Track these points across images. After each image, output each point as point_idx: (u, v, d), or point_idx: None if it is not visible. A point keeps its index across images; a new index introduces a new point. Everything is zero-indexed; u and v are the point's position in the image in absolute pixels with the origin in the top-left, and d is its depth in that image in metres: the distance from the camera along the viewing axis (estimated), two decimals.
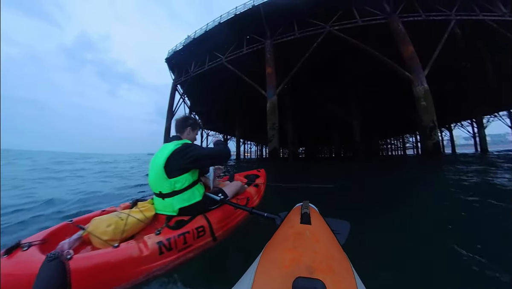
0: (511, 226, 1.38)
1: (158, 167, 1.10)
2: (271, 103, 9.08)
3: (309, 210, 0.79)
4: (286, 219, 0.81)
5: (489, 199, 1.93)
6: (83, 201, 2.28)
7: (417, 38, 8.35)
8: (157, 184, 1.12)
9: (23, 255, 0.77)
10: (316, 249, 0.52)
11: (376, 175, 5.33)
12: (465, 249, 1.05)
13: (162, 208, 1.13)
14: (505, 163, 5.80)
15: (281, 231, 0.69)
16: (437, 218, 1.69)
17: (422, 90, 7.45)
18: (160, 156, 1.12)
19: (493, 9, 9.00)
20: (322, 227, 0.72)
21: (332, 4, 8.87)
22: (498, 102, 16.75)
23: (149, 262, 0.86)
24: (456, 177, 3.56)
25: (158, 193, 1.14)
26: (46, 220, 1.66)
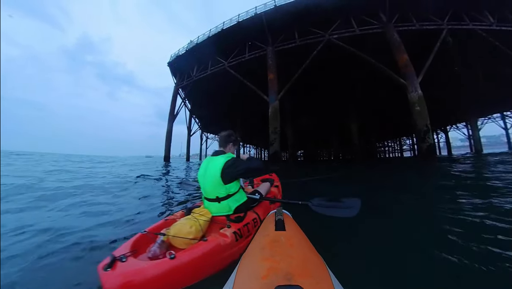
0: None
1: (215, 176, 1.36)
2: (273, 108, 9.51)
3: (283, 216, 0.84)
4: (261, 227, 0.86)
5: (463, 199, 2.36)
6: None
7: (412, 47, 8.93)
8: (214, 190, 1.39)
9: (126, 265, 0.86)
10: (292, 254, 0.54)
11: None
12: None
13: (218, 210, 1.39)
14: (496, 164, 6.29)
15: (257, 240, 0.71)
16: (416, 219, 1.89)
17: (416, 96, 7.99)
18: (214, 167, 1.39)
19: (482, 19, 9.68)
20: (296, 232, 0.75)
21: (331, 14, 9.40)
22: (490, 105, 17.59)
23: (231, 248, 1.10)
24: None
25: (214, 198, 1.40)
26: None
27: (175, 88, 14.32)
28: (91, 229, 1.66)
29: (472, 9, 9.61)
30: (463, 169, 5.32)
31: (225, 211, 1.39)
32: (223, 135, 1.62)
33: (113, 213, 2.08)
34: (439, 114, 17.15)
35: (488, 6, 9.56)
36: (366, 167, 7.94)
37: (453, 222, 1.64)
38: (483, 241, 1.26)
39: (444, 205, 2.08)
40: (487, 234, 1.37)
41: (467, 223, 1.60)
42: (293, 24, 9.90)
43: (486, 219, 1.61)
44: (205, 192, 1.47)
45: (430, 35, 9.30)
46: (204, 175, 1.46)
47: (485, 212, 1.80)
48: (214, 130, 24.01)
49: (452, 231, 1.46)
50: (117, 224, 1.80)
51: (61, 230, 1.59)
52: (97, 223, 1.81)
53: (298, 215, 1.21)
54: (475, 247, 1.20)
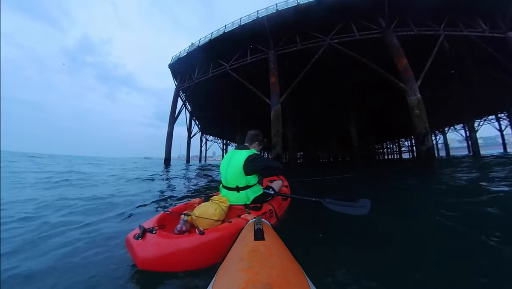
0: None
1: (238, 167, 1.51)
2: (275, 111, 9.73)
3: (262, 225, 0.84)
4: (240, 236, 0.85)
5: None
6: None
7: (410, 51, 9.29)
8: (235, 180, 1.53)
9: (156, 237, 0.96)
10: (271, 264, 0.54)
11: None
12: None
13: (236, 199, 1.53)
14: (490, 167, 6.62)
15: (235, 250, 0.70)
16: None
17: (415, 100, 8.30)
18: (238, 159, 1.55)
19: (475, 26, 10.13)
20: (276, 241, 0.75)
21: (331, 18, 9.73)
22: (485, 107, 18.19)
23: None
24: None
25: (234, 187, 1.54)
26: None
27: (175, 90, 14.47)
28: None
29: (466, 17, 10.07)
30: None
31: (243, 200, 1.53)
32: (252, 133, 1.80)
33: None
34: (437, 116, 17.65)
35: (480, 14, 10.02)
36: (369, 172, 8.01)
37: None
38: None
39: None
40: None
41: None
42: (294, 29, 10.20)
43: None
44: (225, 181, 1.59)
45: (428, 40, 9.70)
46: (227, 165, 1.59)
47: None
48: (214, 132, 24.15)
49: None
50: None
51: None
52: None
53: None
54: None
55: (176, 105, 14.39)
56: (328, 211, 1.50)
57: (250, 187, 1.56)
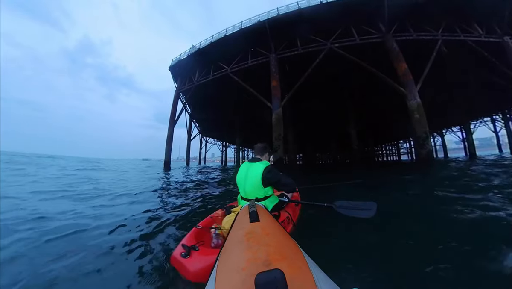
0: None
1: (257, 180, 1.62)
2: (277, 115, 9.84)
3: (256, 208, 0.88)
4: (236, 221, 0.88)
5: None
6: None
7: (410, 56, 9.53)
8: (254, 192, 1.65)
9: (201, 253, 1.09)
10: (268, 242, 0.57)
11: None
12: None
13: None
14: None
15: (233, 234, 0.73)
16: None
17: (415, 104, 8.51)
18: (255, 172, 1.66)
19: (472, 31, 10.45)
20: (270, 221, 0.80)
21: (332, 23, 9.93)
22: (480, 109, 18.68)
23: None
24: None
25: (254, 199, 1.63)
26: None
27: (176, 93, 14.48)
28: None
29: (463, 22, 10.38)
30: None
31: None
32: (261, 146, 1.92)
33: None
34: (435, 119, 18.03)
35: (477, 20, 10.34)
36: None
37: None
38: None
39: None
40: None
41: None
42: (295, 32, 10.36)
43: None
44: (244, 193, 1.70)
45: (427, 45, 9.96)
46: (245, 178, 1.70)
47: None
48: (213, 134, 24.17)
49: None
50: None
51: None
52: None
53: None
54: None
55: (176, 108, 14.39)
56: (337, 216, 1.64)
57: (268, 198, 1.69)
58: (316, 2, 9.59)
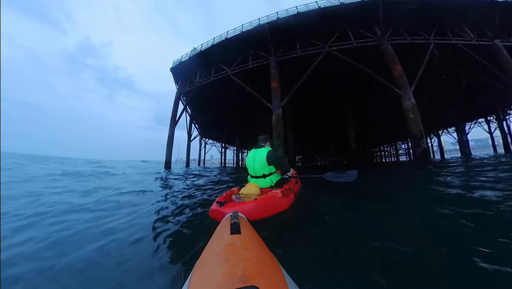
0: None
1: (263, 159, 2.09)
2: (277, 116, 10.16)
3: (238, 219, 0.87)
4: (216, 231, 0.87)
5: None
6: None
7: (405, 58, 9.95)
8: (261, 169, 2.12)
9: (230, 204, 1.52)
10: (247, 257, 0.56)
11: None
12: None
13: (263, 184, 2.12)
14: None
15: (212, 245, 0.71)
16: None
17: (410, 104, 8.90)
18: (261, 153, 2.13)
19: (463, 35, 10.95)
20: (252, 234, 0.78)
21: (330, 27, 10.36)
22: (475, 111, 19.26)
23: (282, 199, 1.78)
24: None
25: (261, 175, 2.12)
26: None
27: (177, 94, 14.77)
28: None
29: (454, 26, 10.88)
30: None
31: (268, 184, 2.13)
32: (264, 136, 2.41)
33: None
34: (430, 120, 18.53)
35: (468, 24, 10.85)
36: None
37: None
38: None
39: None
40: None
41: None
42: (294, 36, 10.78)
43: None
44: (253, 171, 2.17)
45: (420, 48, 10.42)
46: (253, 160, 2.17)
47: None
48: (213, 136, 24.41)
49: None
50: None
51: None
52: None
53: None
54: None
55: (177, 109, 14.66)
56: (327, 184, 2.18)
57: (272, 174, 2.16)
58: (314, 7, 10.02)
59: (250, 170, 2.22)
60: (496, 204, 2.01)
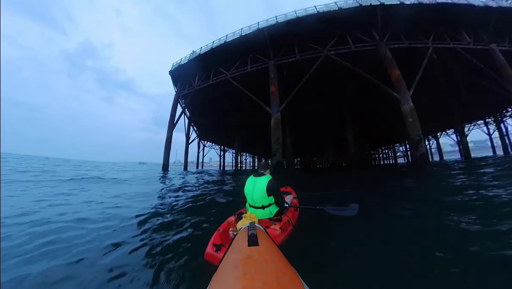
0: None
1: (262, 190, 2.02)
2: (275, 120, 10.20)
3: (256, 230, 0.84)
4: (234, 242, 0.84)
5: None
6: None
7: (403, 62, 10.08)
8: (261, 201, 2.06)
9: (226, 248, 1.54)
10: (266, 270, 0.55)
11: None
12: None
13: (262, 215, 2.08)
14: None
15: (229, 258, 0.69)
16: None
17: (408, 108, 8.99)
18: (261, 184, 2.06)
19: (461, 39, 11.13)
20: (270, 246, 0.75)
21: (328, 31, 10.48)
22: (473, 113, 19.48)
23: (280, 235, 1.82)
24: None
25: (260, 206, 2.07)
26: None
27: (175, 97, 14.80)
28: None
29: (452, 30, 11.06)
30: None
31: (267, 215, 2.10)
32: (263, 163, 2.38)
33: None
34: (429, 122, 18.72)
35: (465, 28, 11.04)
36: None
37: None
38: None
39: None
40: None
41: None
42: (293, 40, 10.88)
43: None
44: (252, 201, 2.12)
45: (419, 52, 10.56)
46: (252, 190, 2.12)
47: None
48: (212, 139, 24.41)
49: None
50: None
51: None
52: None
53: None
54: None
55: (176, 111, 14.68)
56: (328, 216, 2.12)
57: (271, 205, 2.11)
58: (313, 11, 10.14)
59: (249, 199, 2.18)
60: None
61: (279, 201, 2.15)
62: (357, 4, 9.75)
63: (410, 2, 9.84)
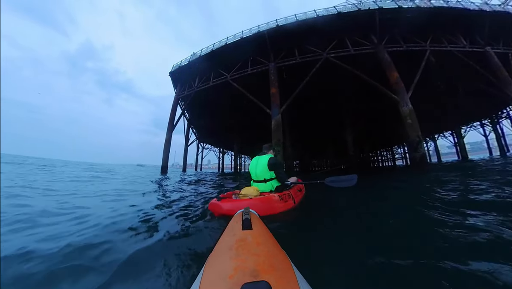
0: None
1: (264, 165, 2.31)
2: (276, 121, 10.30)
3: (250, 215, 0.89)
4: (228, 226, 0.89)
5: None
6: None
7: (401, 65, 10.30)
8: (263, 174, 2.32)
9: (229, 200, 1.81)
10: (258, 252, 0.58)
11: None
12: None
13: (264, 188, 2.32)
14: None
15: (224, 240, 0.73)
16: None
17: (407, 110, 9.17)
18: (264, 160, 2.36)
19: (457, 42, 11.44)
20: (263, 230, 0.80)
21: (328, 34, 10.68)
22: (470, 114, 19.87)
23: (278, 203, 1.97)
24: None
25: (262, 180, 2.32)
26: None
27: (175, 98, 14.84)
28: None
29: (449, 34, 11.37)
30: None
31: (268, 188, 2.31)
32: (266, 145, 2.65)
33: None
34: (427, 124, 19.02)
35: (461, 32, 11.37)
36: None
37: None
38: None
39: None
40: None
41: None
42: (293, 43, 11.05)
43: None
44: (256, 176, 2.39)
45: (417, 55, 10.80)
46: (256, 165, 2.41)
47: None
48: (211, 141, 24.41)
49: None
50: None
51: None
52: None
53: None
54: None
55: (175, 113, 14.70)
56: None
57: (273, 179, 2.33)
58: (312, 15, 10.35)
59: (252, 174, 2.43)
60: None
61: (280, 175, 2.35)
62: (356, 8, 9.99)
63: (408, 6, 10.11)
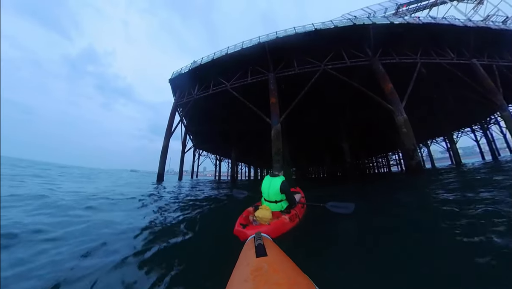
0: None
1: (276, 189, 2.62)
2: (275, 130, 10.70)
3: (263, 240, 0.85)
4: (241, 254, 0.85)
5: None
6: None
7: (395, 76, 11.04)
8: (275, 196, 2.63)
9: (251, 227, 2.04)
10: (277, 281, 0.55)
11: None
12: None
13: (275, 208, 2.62)
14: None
15: (237, 271, 0.70)
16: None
17: (402, 119, 9.79)
18: (276, 183, 2.67)
19: (445, 54, 12.41)
20: (279, 255, 0.76)
21: (325, 47, 11.39)
22: (461, 121, 21.11)
23: (288, 224, 2.30)
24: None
25: (273, 201, 2.63)
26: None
27: (174, 105, 15.10)
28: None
29: (437, 47, 12.34)
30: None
31: (279, 208, 2.66)
32: (278, 167, 3.54)
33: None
34: (420, 131, 20.01)
35: (448, 45, 12.36)
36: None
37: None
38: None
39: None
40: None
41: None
42: (292, 54, 11.69)
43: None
44: (268, 196, 2.69)
45: (409, 67, 11.62)
46: (268, 187, 2.72)
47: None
48: (208, 148, 24.57)
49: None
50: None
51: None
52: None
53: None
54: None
55: (173, 120, 14.91)
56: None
57: (283, 200, 2.68)
58: (311, 29, 11.04)
59: (264, 194, 2.75)
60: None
61: (290, 200, 2.72)
62: (351, 23, 10.76)
63: (399, 22, 10.99)
